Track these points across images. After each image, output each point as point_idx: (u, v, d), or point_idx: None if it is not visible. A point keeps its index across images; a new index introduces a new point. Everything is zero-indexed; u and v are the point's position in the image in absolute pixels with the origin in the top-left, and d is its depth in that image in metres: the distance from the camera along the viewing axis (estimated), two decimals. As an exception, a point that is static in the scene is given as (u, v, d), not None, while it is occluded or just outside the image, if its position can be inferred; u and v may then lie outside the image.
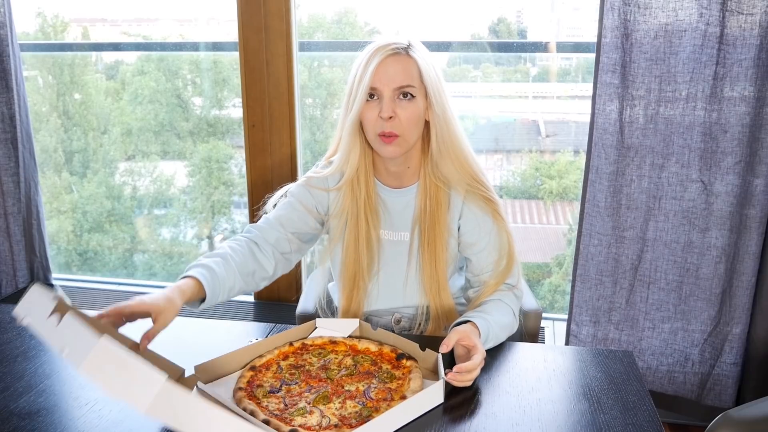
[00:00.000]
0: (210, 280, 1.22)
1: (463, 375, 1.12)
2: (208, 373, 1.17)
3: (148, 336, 1.09)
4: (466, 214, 1.37)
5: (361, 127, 1.32)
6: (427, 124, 1.33)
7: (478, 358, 1.14)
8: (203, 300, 1.23)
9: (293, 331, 1.30)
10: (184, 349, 1.30)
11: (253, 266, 1.34)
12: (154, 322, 1.10)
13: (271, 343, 1.26)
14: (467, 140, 1.36)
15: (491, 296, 1.36)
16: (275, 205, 1.44)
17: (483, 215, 1.36)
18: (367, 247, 1.39)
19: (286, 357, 1.23)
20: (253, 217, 2.33)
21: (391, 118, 1.27)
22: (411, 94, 1.28)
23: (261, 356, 1.23)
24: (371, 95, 1.29)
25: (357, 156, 1.35)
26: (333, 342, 1.28)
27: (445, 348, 1.16)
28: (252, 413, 1.04)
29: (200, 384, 1.14)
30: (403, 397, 1.08)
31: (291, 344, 1.27)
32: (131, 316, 1.10)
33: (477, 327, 1.24)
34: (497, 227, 1.37)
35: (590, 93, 1.87)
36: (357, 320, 1.32)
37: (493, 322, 1.27)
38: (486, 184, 1.36)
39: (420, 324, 1.42)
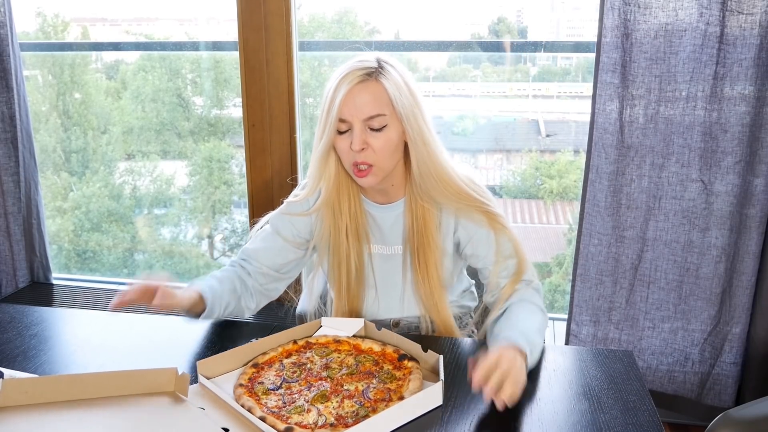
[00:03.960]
0: (210, 294, 1.30)
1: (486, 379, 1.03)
2: (210, 369, 1.17)
3: (164, 294, 1.22)
4: (461, 228, 1.35)
5: (336, 154, 1.30)
6: (407, 144, 1.29)
7: (493, 363, 1.06)
8: (202, 311, 1.31)
9: (298, 330, 1.30)
10: (185, 349, 1.30)
11: (241, 291, 1.41)
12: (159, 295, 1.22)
13: (275, 340, 1.26)
14: (448, 158, 1.31)
15: (512, 298, 1.31)
16: (263, 226, 1.46)
17: (476, 228, 1.34)
18: (357, 264, 1.38)
19: (289, 355, 1.23)
20: (253, 217, 2.33)
21: (363, 149, 1.24)
22: (382, 124, 1.24)
23: (265, 353, 1.23)
24: (342, 127, 1.25)
25: (332, 180, 1.32)
26: (337, 341, 1.28)
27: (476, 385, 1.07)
28: (250, 410, 1.04)
29: (202, 379, 1.15)
30: (402, 398, 1.08)
31: (295, 342, 1.27)
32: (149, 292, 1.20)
33: (518, 346, 1.14)
34: (495, 235, 1.33)
35: (590, 93, 1.87)
36: (362, 320, 1.32)
37: (528, 331, 1.20)
38: (476, 198, 1.31)
39: (427, 329, 1.42)
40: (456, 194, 1.30)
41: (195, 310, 1.31)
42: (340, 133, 1.26)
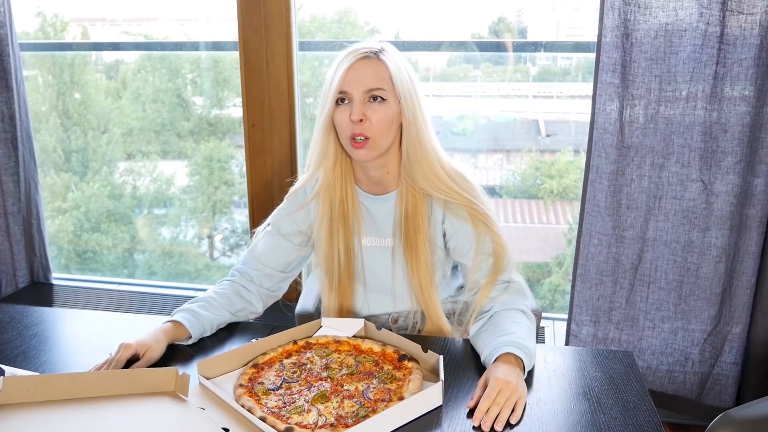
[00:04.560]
0: (192, 320, 1.31)
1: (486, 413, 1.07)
2: (210, 370, 1.17)
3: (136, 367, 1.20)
4: (447, 220, 1.36)
5: (335, 132, 1.32)
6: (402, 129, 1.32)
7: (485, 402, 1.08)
8: (190, 337, 1.32)
9: (298, 330, 1.30)
10: (185, 348, 1.30)
11: (241, 305, 1.42)
12: (140, 357, 1.21)
13: (275, 341, 1.26)
14: (440, 150, 1.34)
15: (494, 306, 1.32)
16: (266, 227, 1.47)
17: (460, 223, 1.34)
18: (345, 253, 1.39)
19: (289, 355, 1.24)
20: (253, 217, 2.33)
21: (361, 121, 1.26)
22: (381, 98, 1.27)
23: (265, 354, 1.23)
24: (342, 99, 1.28)
25: (331, 159, 1.34)
26: (337, 341, 1.28)
27: (472, 403, 1.11)
28: (250, 410, 1.04)
29: (202, 380, 1.15)
30: (402, 398, 1.08)
31: (295, 342, 1.27)
32: (120, 363, 1.19)
33: (515, 355, 1.18)
34: (478, 233, 1.33)
35: (590, 93, 1.87)
36: (362, 320, 1.32)
37: (519, 339, 1.21)
38: (458, 192, 1.32)
39: (416, 324, 1.42)
40: (440, 182, 1.31)
41: (179, 339, 1.32)
42: (340, 104, 1.28)
